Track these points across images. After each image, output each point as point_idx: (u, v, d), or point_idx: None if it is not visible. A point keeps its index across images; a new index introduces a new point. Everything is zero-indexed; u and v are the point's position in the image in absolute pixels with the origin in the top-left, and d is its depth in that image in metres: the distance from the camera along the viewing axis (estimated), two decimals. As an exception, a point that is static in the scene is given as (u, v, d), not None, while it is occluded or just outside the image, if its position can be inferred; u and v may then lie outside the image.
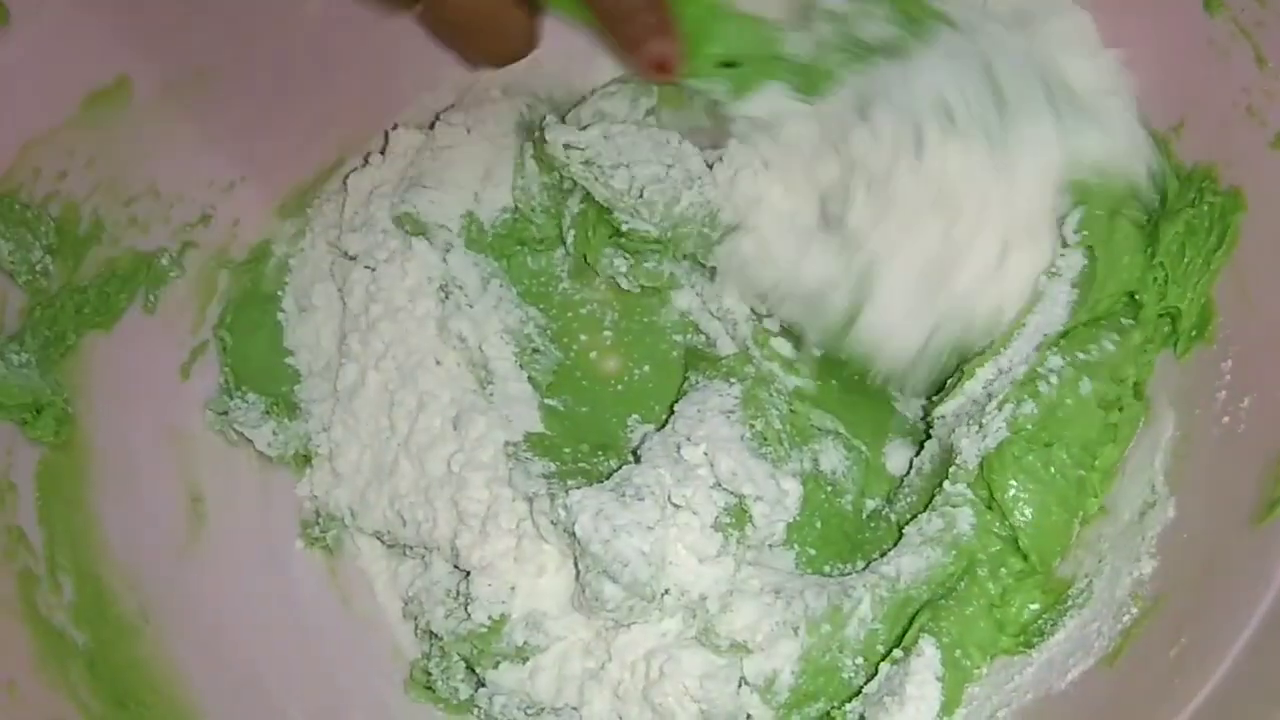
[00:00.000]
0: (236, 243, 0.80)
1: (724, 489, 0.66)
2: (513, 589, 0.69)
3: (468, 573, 0.70)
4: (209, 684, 0.68)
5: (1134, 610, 0.58)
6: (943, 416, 0.66)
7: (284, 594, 0.75)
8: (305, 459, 0.77)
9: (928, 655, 0.60)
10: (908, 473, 0.71)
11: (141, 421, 0.73)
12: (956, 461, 0.64)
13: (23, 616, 0.61)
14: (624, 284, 0.78)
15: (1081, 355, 0.63)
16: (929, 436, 0.69)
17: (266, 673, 0.71)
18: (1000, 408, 0.63)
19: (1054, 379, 0.63)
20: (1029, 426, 0.62)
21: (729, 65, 0.68)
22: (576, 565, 0.67)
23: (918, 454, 0.70)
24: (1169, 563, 0.58)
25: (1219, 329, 0.62)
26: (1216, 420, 0.59)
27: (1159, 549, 0.59)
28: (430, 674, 0.72)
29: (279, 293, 0.80)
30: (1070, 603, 0.61)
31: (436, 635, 0.71)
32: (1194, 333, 0.62)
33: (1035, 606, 0.62)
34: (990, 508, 0.63)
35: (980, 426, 0.63)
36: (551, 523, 0.68)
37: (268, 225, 0.81)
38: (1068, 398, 0.62)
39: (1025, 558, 0.62)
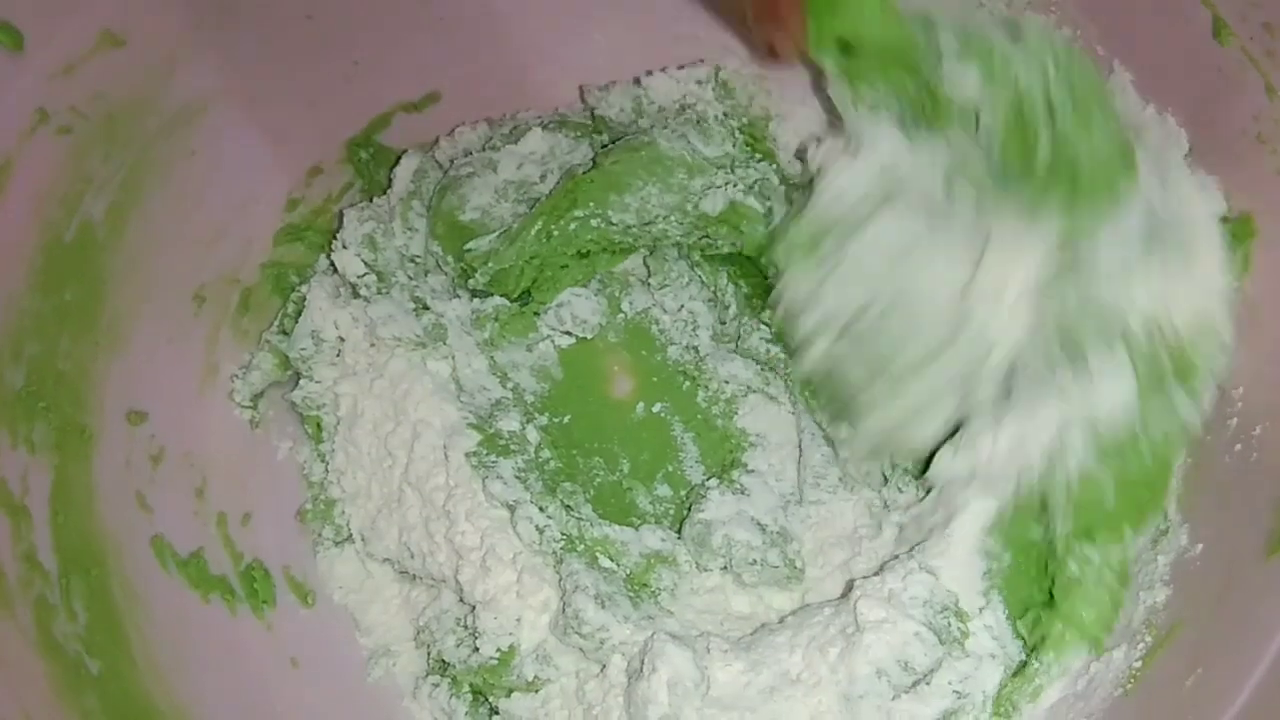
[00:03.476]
0: (248, 264, 0.80)
1: None
2: (519, 621, 0.69)
3: (474, 606, 0.70)
4: (222, 712, 0.68)
5: (1148, 639, 0.58)
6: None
7: (300, 620, 0.76)
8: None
9: None
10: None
11: (156, 439, 0.74)
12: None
13: (39, 647, 0.61)
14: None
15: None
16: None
17: (283, 710, 0.72)
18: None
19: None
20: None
21: (847, 49, 0.64)
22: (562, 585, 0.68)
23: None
24: (1183, 590, 0.58)
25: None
26: (1229, 448, 0.60)
27: (1172, 576, 0.59)
28: None
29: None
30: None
31: (449, 663, 0.71)
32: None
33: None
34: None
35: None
36: (537, 529, 0.68)
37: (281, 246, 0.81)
38: None
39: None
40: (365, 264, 0.78)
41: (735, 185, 0.77)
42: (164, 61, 0.71)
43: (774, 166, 0.80)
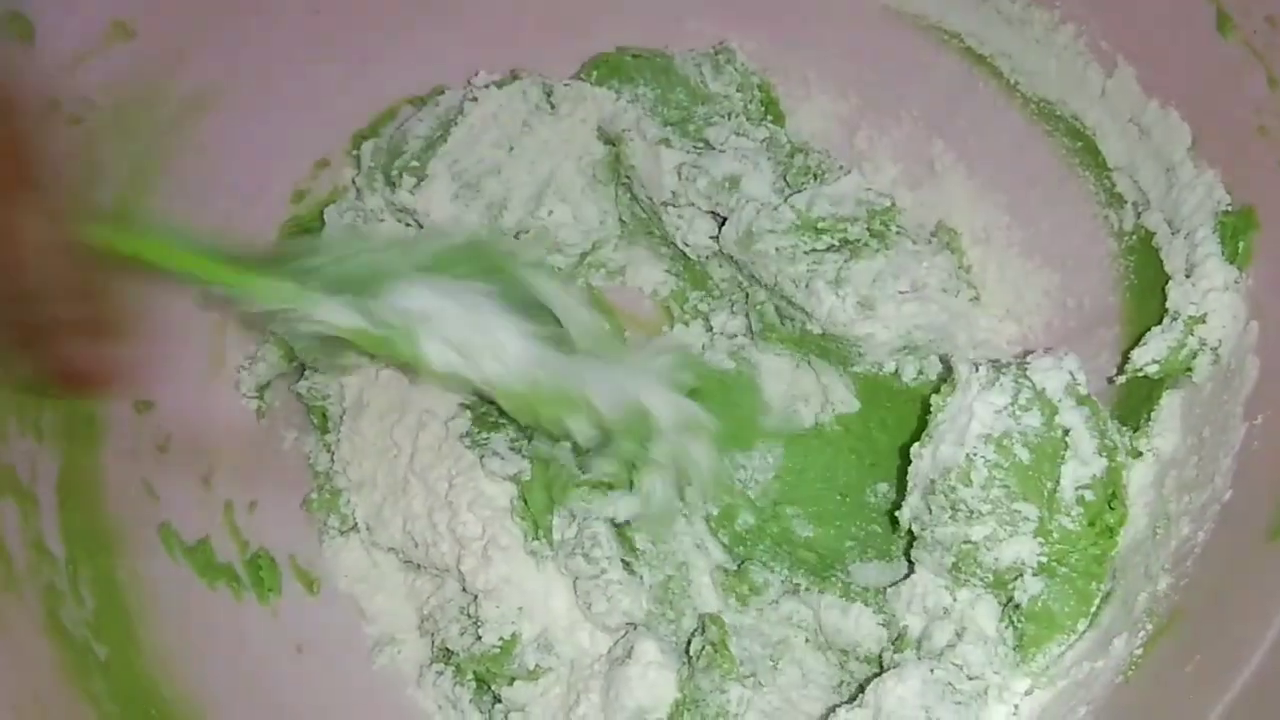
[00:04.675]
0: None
1: None
2: (520, 610, 0.69)
3: (476, 595, 0.71)
4: (227, 698, 0.68)
5: (1149, 627, 0.58)
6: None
7: (306, 608, 0.76)
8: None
9: None
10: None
11: (163, 428, 0.74)
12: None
13: (47, 632, 0.62)
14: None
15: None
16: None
17: (288, 697, 0.72)
18: None
19: None
20: None
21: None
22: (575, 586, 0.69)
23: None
24: (1183, 578, 0.59)
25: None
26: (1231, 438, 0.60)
27: (1174, 565, 0.59)
28: None
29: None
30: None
31: (452, 652, 0.72)
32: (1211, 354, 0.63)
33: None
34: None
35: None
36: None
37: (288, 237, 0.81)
38: None
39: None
40: None
41: (744, 134, 0.77)
42: (173, 53, 0.72)
43: (783, 130, 0.81)
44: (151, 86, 0.71)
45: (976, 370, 0.63)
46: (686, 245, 0.79)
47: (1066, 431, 0.61)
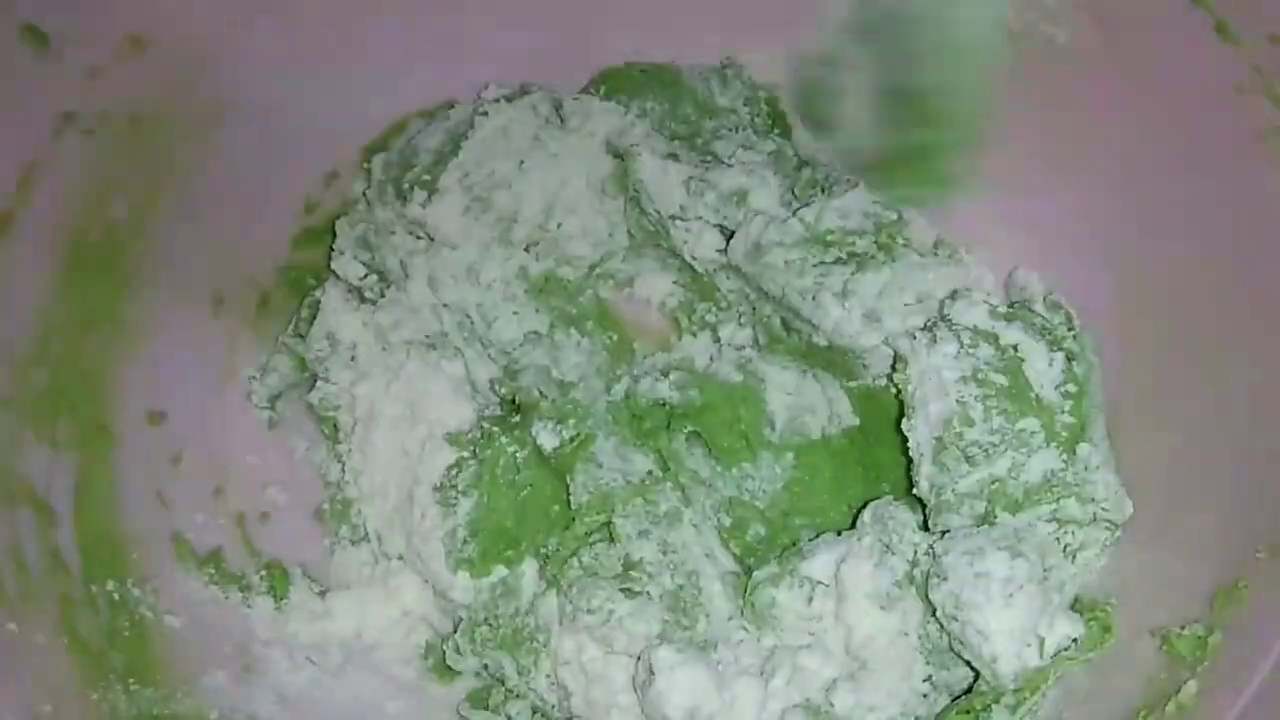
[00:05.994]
0: (266, 267, 0.81)
1: None
2: None
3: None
4: (239, 705, 0.69)
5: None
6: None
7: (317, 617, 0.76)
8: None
9: None
10: None
11: (176, 439, 0.75)
12: None
13: (64, 640, 0.62)
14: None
15: None
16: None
17: (297, 705, 0.72)
18: None
19: None
20: None
21: None
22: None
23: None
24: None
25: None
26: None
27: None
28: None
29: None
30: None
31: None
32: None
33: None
34: None
35: None
36: None
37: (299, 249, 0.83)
38: None
39: None
40: (364, 265, 0.79)
41: (751, 147, 0.78)
42: (186, 67, 0.73)
43: (790, 143, 0.81)
44: (165, 99, 0.72)
45: (914, 338, 0.68)
46: (694, 258, 0.79)
47: (1015, 347, 0.66)
